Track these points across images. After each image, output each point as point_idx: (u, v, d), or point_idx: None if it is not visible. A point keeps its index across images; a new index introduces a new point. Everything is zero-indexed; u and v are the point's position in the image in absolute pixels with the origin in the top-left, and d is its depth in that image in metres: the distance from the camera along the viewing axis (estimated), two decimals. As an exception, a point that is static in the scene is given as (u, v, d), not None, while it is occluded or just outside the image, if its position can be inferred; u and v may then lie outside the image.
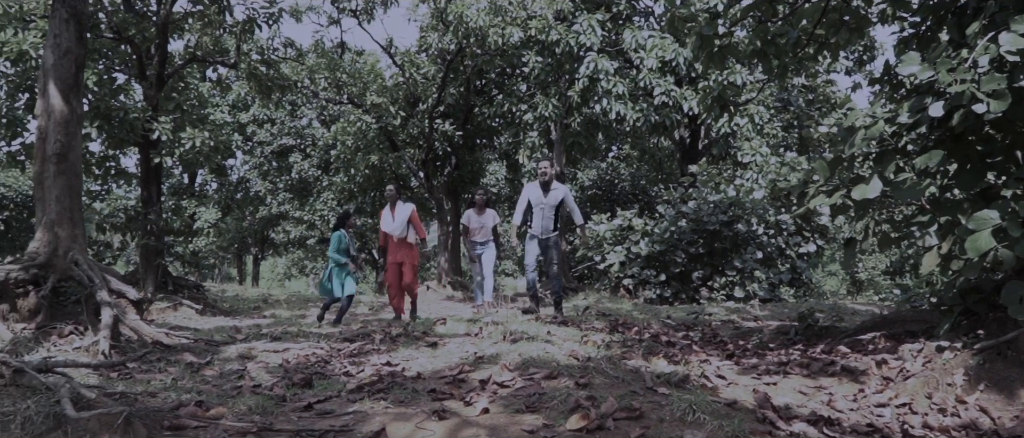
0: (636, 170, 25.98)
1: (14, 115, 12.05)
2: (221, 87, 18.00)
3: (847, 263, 5.81)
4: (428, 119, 18.58)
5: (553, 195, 9.32)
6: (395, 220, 9.91)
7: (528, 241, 9.44)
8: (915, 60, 5.25)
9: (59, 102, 6.91)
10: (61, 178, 6.91)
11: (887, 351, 5.64)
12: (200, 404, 4.11)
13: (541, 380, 4.49)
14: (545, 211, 9.31)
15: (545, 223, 9.31)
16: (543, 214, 9.29)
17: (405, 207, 9.95)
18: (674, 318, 9.15)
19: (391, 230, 9.89)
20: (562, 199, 9.35)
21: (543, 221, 9.31)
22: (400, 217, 9.89)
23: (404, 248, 9.93)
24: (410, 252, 9.99)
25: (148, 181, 13.06)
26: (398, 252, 9.94)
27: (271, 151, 28.63)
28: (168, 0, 12.35)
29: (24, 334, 6.21)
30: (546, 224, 9.31)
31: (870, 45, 19.76)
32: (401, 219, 9.88)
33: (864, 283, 28.53)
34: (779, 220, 13.76)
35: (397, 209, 9.97)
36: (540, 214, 9.32)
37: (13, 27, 11.35)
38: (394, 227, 9.87)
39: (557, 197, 9.31)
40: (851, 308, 10.14)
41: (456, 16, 14.93)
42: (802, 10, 7.11)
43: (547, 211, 9.31)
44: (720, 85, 8.34)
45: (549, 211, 9.29)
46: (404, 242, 9.91)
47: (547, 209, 9.30)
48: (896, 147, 5.52)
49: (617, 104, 15.00)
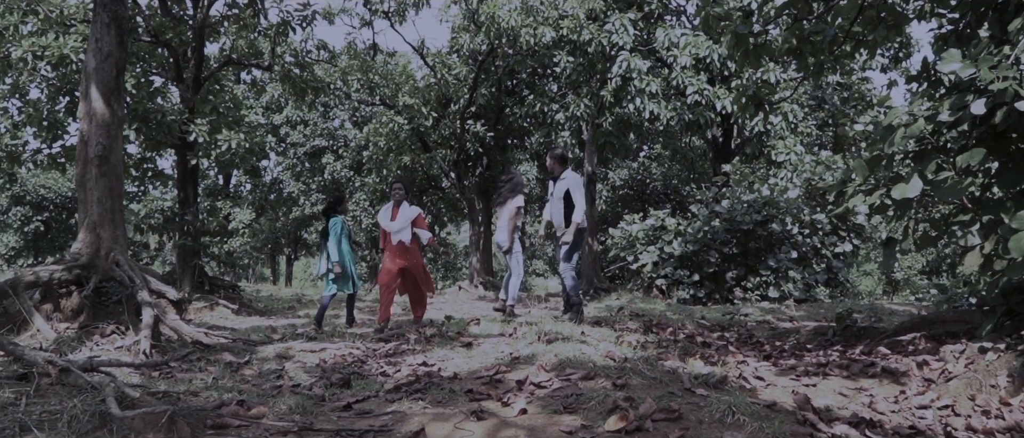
0: (668, 170, 25.83)
1: (55, 118, 12.29)
2: (255, 89, 18.24)
3: (886, 264, 5.74)
4: (460, 120, 18.63)
5: (559, 186, 8.69)
6: (396, 221, 8.92)
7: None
8: (956, 57, 5.16)
9: (101, 105, 7.04)
10: (103, 180, 7.04)
11: (928, 352, 5.56)
12: (241, 403, 4.17)
13: (578, 381, 4.48)
14: (553, 205, 8.73)
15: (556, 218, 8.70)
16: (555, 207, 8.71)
17: (411, 210, 9.00)
18: (708, 319, 9.09)
19: (390, 229, 8.93)
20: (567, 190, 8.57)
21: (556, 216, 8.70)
22: (403, 219, 8.91)
23: (405, 252, 8.93)
24: (413, 257, 8.99)
25: (185, 182, 13.25)
26: (398, 256, 8.93)
27: (304, 152, 28.90)
28: (204, 4, 12.53)
29: (67, 333, 6.34)
30: (557, 219, 8.68)
31: (906, 42, 19.45)
32: (403, 221, 8.90)
33: (900, 283, 28.11)
34: (814, 219, 13.61)
35: (401, 211, 8.97)
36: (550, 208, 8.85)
37: (54, 32, 11.57)
38: (394, 227, 8.90)
39: (562, 188, 8.62)
40: (888, 308, 10.01)
41: (488, 16, 14.95)
42: (838, 7, 7.02)
43: (555, 204, 8.69)
44: (754, 83, 8.25)
45: (557, 204, 8.64)
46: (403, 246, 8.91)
47: (555, 202, 8.69)
48: (937, 145, 5.43)
49: (650, 103, 14.93)
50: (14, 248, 31.19)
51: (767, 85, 13.03)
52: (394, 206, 9.03)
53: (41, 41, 11.28)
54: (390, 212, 9.01)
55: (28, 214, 30.80)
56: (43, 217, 31.02)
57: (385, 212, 9.08)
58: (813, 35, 7.06)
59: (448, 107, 19.06)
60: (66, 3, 12.01)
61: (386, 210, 9.09)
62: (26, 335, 6.22)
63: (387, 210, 9.06)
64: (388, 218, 8.98)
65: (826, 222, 13.65)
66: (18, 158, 12.11)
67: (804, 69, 7.46)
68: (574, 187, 8.50)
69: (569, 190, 8.48)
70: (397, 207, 9.00)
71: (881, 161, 5.42)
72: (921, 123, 5.12)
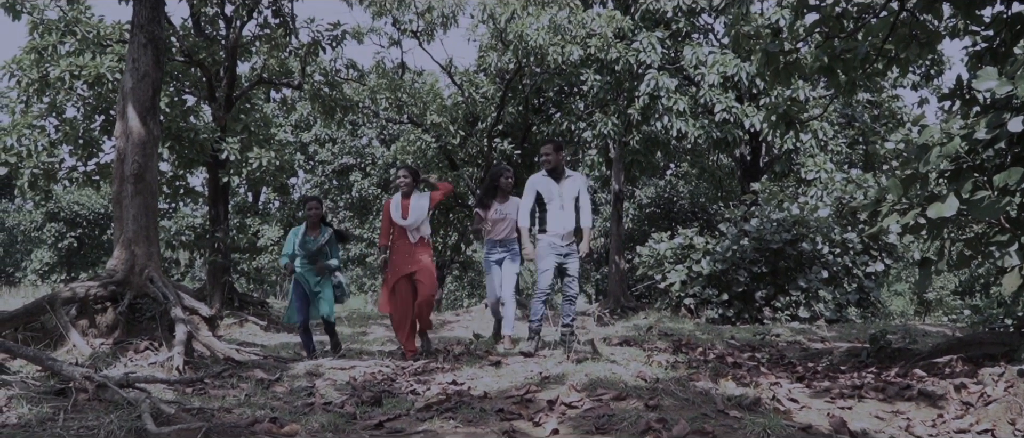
0: (695, 188, 25.72)
1: (90, 136, 12.51)
2: (285, 108, 18.46)
3: (922, 284, 5.67)
4: (487, 138, 18.70)
5: (569, 186, 7.18)
6: (409, 217, 7.34)
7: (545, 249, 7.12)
8: (992, 75, 5.11)
9: (137, 124, 7.16)
10: (138, 198, 7.14)
11: (965, 375, 5.46)
12: (274, 421, 4.19)
13: (609, 401, 4.46)
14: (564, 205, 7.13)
15: (565, 223, 7.09)
16: (563, 210, 7.11)
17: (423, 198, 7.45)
18: (738, 339, 9.00)
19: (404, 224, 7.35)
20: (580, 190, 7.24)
21: (563, 220, 7.09)
22: (417, 211, 7.36)
23: (418, 252, 7.39)
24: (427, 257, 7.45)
25: (216, 200, 13.43)
26: (409, 259, 7.36)
27: (332, 170, 29.13)
28: (237, 25, 12.73)
29: (102, 349, 6.43)
30: (566, 224, 7.09)
31: (938, 59, 19.26)
32: (418, 214, 7.35)
33: (933, 303, 27.67)
34: (845, 238, 13.46)
35: (413, 202, 7.40)
36: (556, 210, 7.12)
37: (91, 51, 11.81)
38: (408, 223, 7.32)
39: (576, 187, 7.20)
40: (922, 329, 9.86)
41: (516, 35, 15.04)
42: (870, 25, 6.98)
43: (566, 205, 7.12)
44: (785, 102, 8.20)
45: (568, 205, 7.12)
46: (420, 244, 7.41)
47: (566, 202, 7.13)
48: (973, 164, 5.36)
49: (678, 121, 14.91)
50: (48, 264, 31.70)
51: (797, 103, 12.96)
52: (403, 198, 7.51)
53: (78, 61, 11.51)
54: (399, 206, 7.49)
55: (62, 230, 31.31)
56: (76, 233, 31.52)
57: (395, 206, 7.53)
58: (844, 53, 7.02)
59: (475, 125, 19.14)
60: (103, 24, 12.26)
61: (395, 203, 7.54)
62: (62, 350, 6.32)
63: (396, 203, 7.53)
64: (399, 213, 7.46)
65: (857, 241, 13.50)
66: (54, 175, 12.33)
67: (835, 87, 7.41)
68: (585, 187, 7.32)
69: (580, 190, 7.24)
70: (407, 199, 7.48)
71: (916, 180, 5.36)
72: (957, 142, 5.06)
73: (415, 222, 7.35)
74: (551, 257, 7.09)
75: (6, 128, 12.06)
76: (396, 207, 7.50)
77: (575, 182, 7.21)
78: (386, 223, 7.56)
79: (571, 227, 7.10)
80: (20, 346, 5.22)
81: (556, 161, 7.17)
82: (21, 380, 4.71)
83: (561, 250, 7.10)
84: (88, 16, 12.28)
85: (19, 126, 11.81)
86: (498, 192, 7.84)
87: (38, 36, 12.01)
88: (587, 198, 7.24)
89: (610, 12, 15.44)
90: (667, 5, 15.30)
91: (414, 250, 7.39)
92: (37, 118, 12.15)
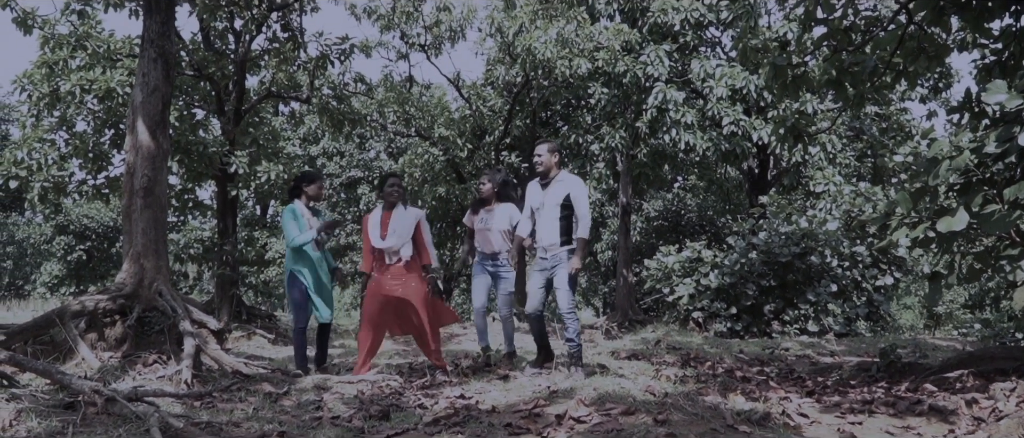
0: (703, 201, 25.67)
1: (100, 150, 12.57)
2: (294, 121, 18.54)
3: (932, 298, 5.63)
4: (494, 151, 18.73)
5: (555, 191, 6.45)
6: (389, 236, 6.49)
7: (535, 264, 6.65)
8: (1002, 88, 5.10)
9: (147, 138, 7.20)
10: (147, 211, 7.17)
11: (977, 390, 5.43)
12: (282, 435, 4.19)
13: (618, 416, 4.44)
14: (544, 214, 6.46)
15: (546, 233, 6.44)
16: (546, 221, 6.45)
17: (409, 214, 6.59)
18: (747, 352, 8.96)
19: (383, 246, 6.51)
20: (567, 195, 6.37)
21: (543, 231, 6.47)
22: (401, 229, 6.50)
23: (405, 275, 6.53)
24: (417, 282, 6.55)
25: (224, 213, 13.46)
26: (394, 282, 6.51)
27: (340, 183, 29.20)
28: (246, 39, 12.80)
29: (111, 362, 6.43)
30: (547, 235, 6.43)
31: (946, 72, 19.23)
32: (402, 233, 6.49)
33: (942, 317, 27.51)
34: (854, 252, 13.40)
35: (395, 217, 6.54)
36: (540, 219, 6.52)
37: (101, 66, 11.88)
38: (387, 244, 6.48)
39: (560, 193, 6.40)
40: (932, 343, 9.80)
41: (524, 49, 15.07)
42: (878, 38, 6.98)
43: (547, 214, 6.44)
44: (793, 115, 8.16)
45: (550, 213, 6.41)
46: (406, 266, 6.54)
47: (547, 211, 6.44)
48: (983, 177, 5.34)
49: (686, 133, 14.91)
50: (57, 277, 31.80)
51: (805, 116, 12.94)
52: (384, 211, 6.64)
53: (89, 75, 11.58)
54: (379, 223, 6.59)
55: (71, 243, 31.41)
56: (85, 246, 31.62)
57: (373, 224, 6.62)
58: (852, 66, 7.02)
59: (483, 138, 19.18)
60: (113, 38, 12.34)
61: (374, 220, 6.64)
62: (71, 363, 6.33)
63: (375, 220, 6.63)
64: (377, 232, 6.57)
65: (866, 255, 13.44)
66: (64, 188, 12.38)
67: (843, 100, 7.40)
68: (579, 192, 6.42)
69: (570, 196, 6.39)
70: (390, 212, 6.59)
71: (925, 193, 5.34)
72: (967, 155, 5.05)
73: (394, 244, 6.48)
74: (536, 273, 6.55)
75: (17, 142, 12.13)
76: (375, 225, 6.61)
77: (562, 187, 6.42)
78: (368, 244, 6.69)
79: (553, 239, 6.39)
80: (30, 359, 5.23)
81: (547, 164, 6.53)
82: (31, 393, 4.72)
83: (548, 263, 6.46)
84: (99, 31, 12.36)
85: (29, 140, 11.88)
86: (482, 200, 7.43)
87: (49, 51, 12.09)
88: (583, 206, 6.37)
89: (618, 25, 15.48)
90: (674, 18, 15.32)
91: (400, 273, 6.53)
92: (47, 132, 12.22)
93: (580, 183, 6.48)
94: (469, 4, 17.86)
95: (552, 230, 6.39)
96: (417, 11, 17.48)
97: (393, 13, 17.47)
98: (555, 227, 6.38)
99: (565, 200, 6.36)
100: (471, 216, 7.63)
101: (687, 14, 15.36)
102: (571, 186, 6.42)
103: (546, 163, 6.53)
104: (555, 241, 6.39)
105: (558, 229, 6.37)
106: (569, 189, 6.39)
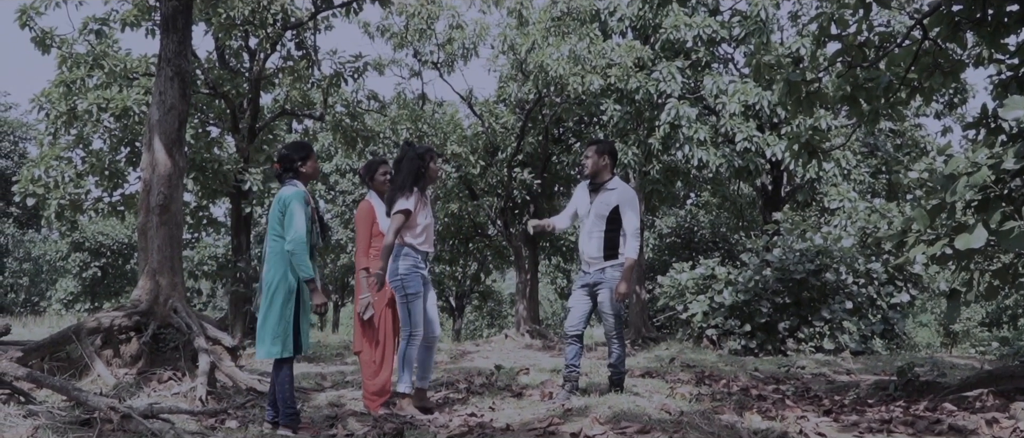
0: (716, 217, 25.59)
1: (116, 168, 12.68)
2: (308, 138, 18.64)
3: (950, 316, 5.59)
4: (507, 168, 18.75)
5: (604, 199, 5.83)
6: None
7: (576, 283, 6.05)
8: (1020, 104, 5.07)
9: (163, 156, 7.25)
10: (163, 229, 7.21)
11: (997, 409, 5.37)
12: (297, 452, 4.18)
13: (634, 434, 4.42)
14: (588, 223, 5.85)
15: (588, 245, 5.85)
16: (589, 231, 5.85)
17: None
18: (762, 370, 8.90)
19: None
20: (616, 207, 5.78)
21: (585, 241, 5.88)
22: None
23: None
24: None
25: (238, 230, 13.53)
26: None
27: (353, 200, 29.29)
28: (261, 57, 12.91)
29: (126, 379, 6.46)
30: (590, 247, 5.84)
31: (961, 88, 19.14)
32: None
33: (959, 335, 27.25)
34: (870, 269, 13.31)
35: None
36: (585, 228, 5.90)
37: (118, 84, 12.01)
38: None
39: (609, 202, 5.79)
40: (950, 362, 9.70)
41: (537, 66, 15.12)
42: (893, 54, 6.96)
43: (591, 224, 5.82)
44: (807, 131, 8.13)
45: (595, 224, 5.80)
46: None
47: (592, 221, 5.82)
48: (1001, 194, 5.30)
49: (699, 150, 14.89)
50: (73, 293, 32.00)
51: (819, 132, 12.90)
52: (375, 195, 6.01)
53: (106, 94, 11.71)
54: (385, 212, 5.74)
55: (86, 260, 31.61)
56: (100, 263, 31.81)
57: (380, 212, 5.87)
58: (867, 82, 6.99)
59: (495, 155, 19.21)
60: (130, 57, 12.47)
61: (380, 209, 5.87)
62: (87, 380, 6.36)
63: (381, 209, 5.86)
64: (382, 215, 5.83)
65: (882, 272, 13.35)
66: (80, 206, 12.49)
67: (858, 116, 7.37)
68: (630, 205, 5.82)
69: (619, 208, 5.78)
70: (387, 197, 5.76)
71: (942, 210, 5.31)
72: (985, 171, 5.01)
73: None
74: (577, 290, 6.00)
75: (34, 160, 12.25)
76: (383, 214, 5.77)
77: (612, 196, 5.80)
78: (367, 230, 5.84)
79: (595, 252, 5.80)
80: (46, 376, 5.25)
81: (593, 167, 5.88)
82: (47, 410, 4.74)
83: (590, 278, 5.89)
84: (116, 50, 12.50)
85: (47, 158, 12.00)
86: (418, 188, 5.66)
87: (67, 70, 12.23)
88: (633, 221, 5.78)
89: (630, 42, 15.50)
90: (687, 35, 15.34)
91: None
92: (64, 150, 12.34)
93: (632, 195, 5.89)
94: (482, 22, 17.95)
95: (595, 243, 5.81)
96: (430, 29, 17.57)
97: (406, 31, 17.56)
98: (599, 240, 5.79)
99: (613, 212, 5.77)
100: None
101: (699, 30, 15.38)
102: (622, 197, 5.82)
103: (594, 165, 5.88)
104: (598, 255, 5.80)
105: (603, 243, 5.78)
106: (619, 200, 5.80)
